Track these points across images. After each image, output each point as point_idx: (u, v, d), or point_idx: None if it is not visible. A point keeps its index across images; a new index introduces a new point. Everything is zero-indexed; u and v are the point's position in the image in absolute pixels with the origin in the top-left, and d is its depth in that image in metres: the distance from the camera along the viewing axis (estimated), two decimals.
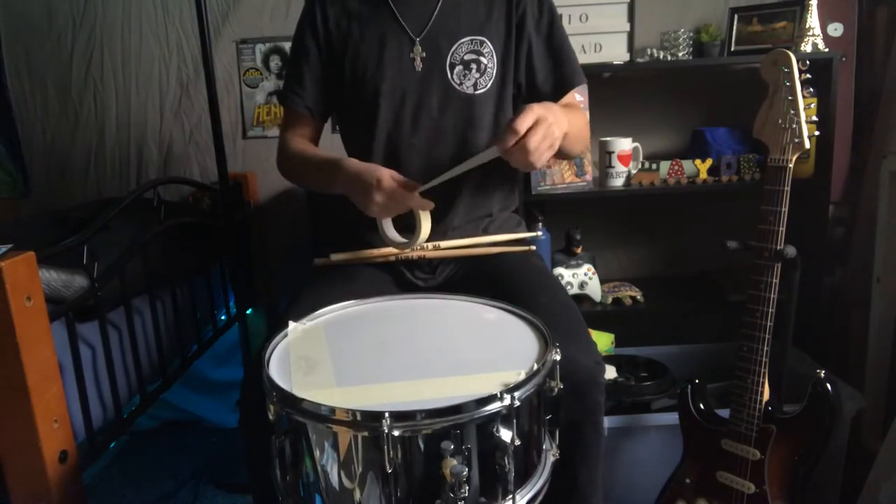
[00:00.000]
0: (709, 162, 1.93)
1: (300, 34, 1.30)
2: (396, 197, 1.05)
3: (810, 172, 1.89)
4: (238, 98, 2.23)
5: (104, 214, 1.37)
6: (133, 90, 2.22)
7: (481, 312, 1.01)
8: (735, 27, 1.99)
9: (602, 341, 1.90)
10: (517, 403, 0.73)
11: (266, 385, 0.80)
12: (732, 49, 2.00)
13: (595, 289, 2.00)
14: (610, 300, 2.00)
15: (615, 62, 2.01)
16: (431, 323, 0.98)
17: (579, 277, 1.99)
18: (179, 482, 1.95)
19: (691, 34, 2.00)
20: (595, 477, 1.03)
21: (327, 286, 1.18)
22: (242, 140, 2.25)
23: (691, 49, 2.00)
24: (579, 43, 2.02)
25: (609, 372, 1.75)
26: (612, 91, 2.07)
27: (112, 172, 2.28)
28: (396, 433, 0.70)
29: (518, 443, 0.74)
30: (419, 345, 0.91)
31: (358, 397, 0.76)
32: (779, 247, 1.22)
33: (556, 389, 0.84)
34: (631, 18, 2.02)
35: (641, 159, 1.97)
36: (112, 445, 1.42)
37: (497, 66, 1.25)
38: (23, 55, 2.21)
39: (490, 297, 1.04)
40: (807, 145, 1.19)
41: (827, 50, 1.84)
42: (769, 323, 1.24)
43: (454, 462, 0.70)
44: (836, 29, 1.98)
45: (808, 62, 1.22)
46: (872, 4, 1.97)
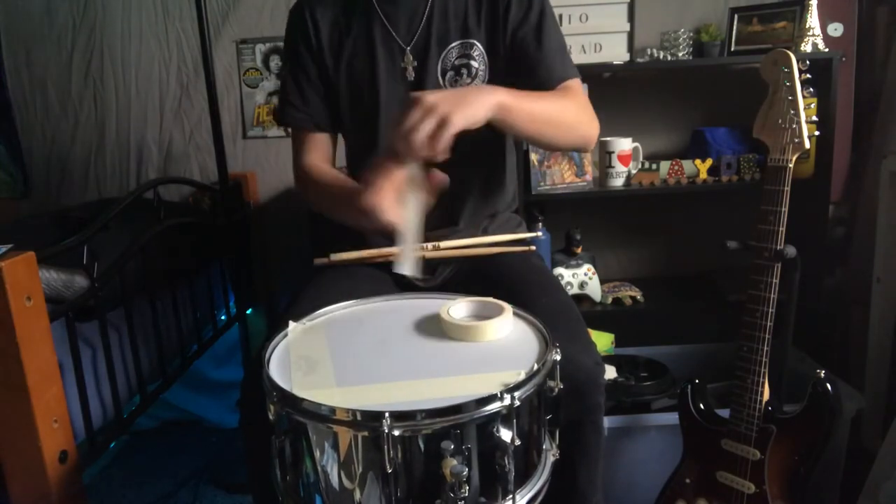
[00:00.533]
0: (709, 162, 1.93)
1: (293, 45, 1.26)
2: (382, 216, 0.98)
3: (810, 172, 1.89)
4: (238, 98, 2.23)
5: (104, 214, 1.37)
6: (133, 90, 2.22)
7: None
8: (735, 27, 1.99)
9: (602, 341, 1.90)
10: (517, 403, 0.73)
11: (266, 385, 0.80)
12: (732, 49, 2.00)
13: (595, 289, 2.00)
14: (610, 300, 2.00)
15: (615, 62, 2.01)
16: (431, 323, 0.98)
17: (579, 277, 1.99)
18: (179, 482, 1.95)
19: (691, 34, 2.00)
20: (595, 477, 1.03)
21: (327, 286, 1.18)
22: (242, 140, 2.25)
23: (691, 49, 2.00)
24: (579, 43, 2.02)
25: (609, 372, 1.75)
26: (612, 91, 2.07)
27: (112, 172, 2.28)
28: (396, 433, 0.70)
29: (518, 443, 0.74)
30: (419, 345, 0.91)
31: (358, 397, 0.76)
32: (779, 247, 1.22)
33: (557, 389, 0.84)
34: (631, 18, 2.02)
35: (641, 159, 1.98)
36: (112, 445, 1.42)
37: (487, 69, 1.22)
38: (23, 55, 2.21)
39: (490, 298, 1.03)
40: (807, 145, 1.19)
41: (827, 50, 1.84)
42: (769, 323, 1.24)
43: (454, 462, 0.70)
44: (836, 29, 1.98)
45: (808, 62, 1.22)
46: (872, 4, 1.97)
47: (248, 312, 2.05)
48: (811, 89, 1.76)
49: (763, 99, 1.24)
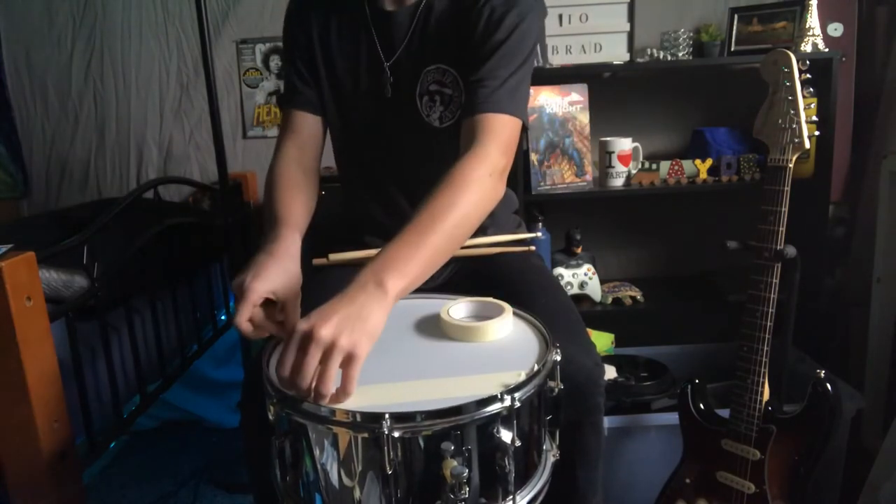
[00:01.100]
0: (709, 162, 1.93)
1: (293, 36, 1.23)
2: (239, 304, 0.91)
3: (810, 172, 1.88)
4: (238, 98, 2.23)
5: (104, 214, 1.37)
6: (133, 90, 2.22)
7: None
8: (735, 27, 1.99)
9: (602, 341, 1.90)
10: (517, 404, 0.73)
11: (266, 386, 0.80)
12: (732, 49, 2.00)
13: (595, 289, 2.00)
14: (610, 300, 2.00)
15: (615, 62, 2.02)
16: (431, 324, 0.98)
17: (579, 277, 1.99)
18: (179, 482, 1.95)
19: (691, 34, 2.00)
20: (595, 477, 1.03)
21: (325, 286, 1.17)
22: (242, 140, 2.25)
23: (691, 49, 2.00)
24: (579, 43, 2.02)
25: (609, 372, 1.75)
26: (612, 91, 2.07)
27: (112, 172, 2.28)
28: (396, 434, 0.70)
29: (518, 444, 0.74)
30: (419, 345, 0.91)
31: (358, 398, 0.76)
32: (779, 247, 1.22)
33: (557, 390, 0.84)
34: (631, 18, 2.02)
35: (641, 159, 1.97)
36: (112, 445, 1.42)
37: (463, 95, 1.12)
38: (23, 55, 2.21)
39: (490, 298, 1.03)
40: (807, 145, 1.19)
41: (827, 50, 1.84)
42: (769, 323, 1.23)
43: (454, 463, 0.70)
44: (836, 29, 1.98)
45: (808, 62, 1.22)
46: (872, 4, 1.97)
47: None
48: (811, 89, 1.76)
49: (763, 99, 1.24)
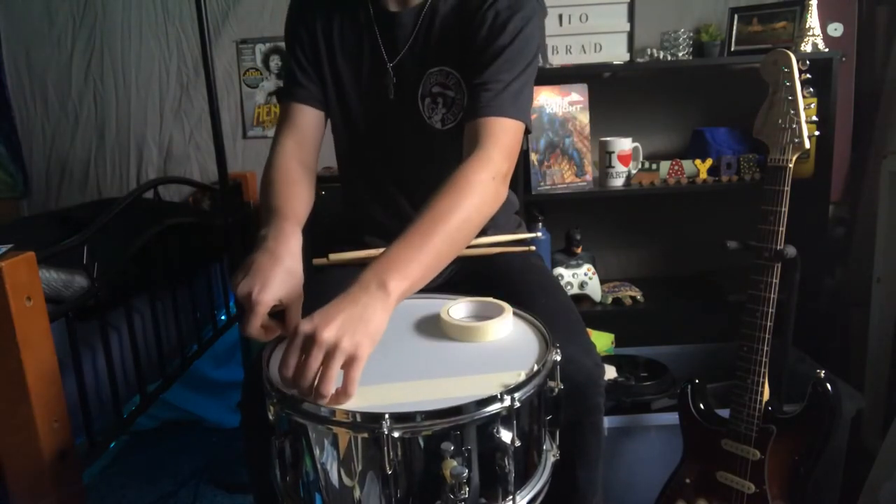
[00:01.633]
0: (709, 162, 1.93)
1: (295, 32, 1.22)
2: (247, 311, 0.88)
3: (810, 172, 1.88)
4: (238, 98, 2.23)
5: (104, 214, 1.37)
6: (133, 90, 2.22)
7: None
8: (735, 27, 1.99)
9: (602, 341, 1.90)
10: (517, 404, 0.73)
11: (266, 386, 0.80)
12: (732, 49, 2.00)
13: (595, 289, 2.00)
14: (610, 300, 2.00)
15: (615, 62, 2.01)
16: (431, 324, 0.98)
17: (579, 277, 1.99)
18: (179, 482, 1.95)
19: (691, 34, 2.00)
20: (595, 478, 1.03)
21: (325, 286, 1.17)
22: (242, 140, 2.25)
23: (691, 49, 2.00)
24: (579, 43, 2.02)
25: (609, 372, 1.75)
26: (612, 91, 2.07)
27: (112, 172, 2.28)
28: (396, 434, 0.70)
29: (518, 444, 0.74)
30: (419, 345, 0.91)
31: (357, 398, 0.76)
32: (779, 247, 1.22)
33: (557, 390, 0.84)
34: (631, 18, 2.02)
35: (641, 159, 1.97)
36: (112, 445, 1.42)
37: (466, 98, 1.12)
38: (23, 55, 2.21)
39: (490, 298, 1.03)
40: (807, 145, 1.19)
41: (827, 50, 1.84)
42: (769, 323, 1.24)
43: (454, 463, 0.70)
44: (836, 29, 1.98)
45: (808, 62, 1.22)
46: (872, 4, 1.97)
47: None
48: (811, 89, 1.75)
49: (763, 99, 1.24)
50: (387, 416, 0.69)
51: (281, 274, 0.91)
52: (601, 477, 1.05)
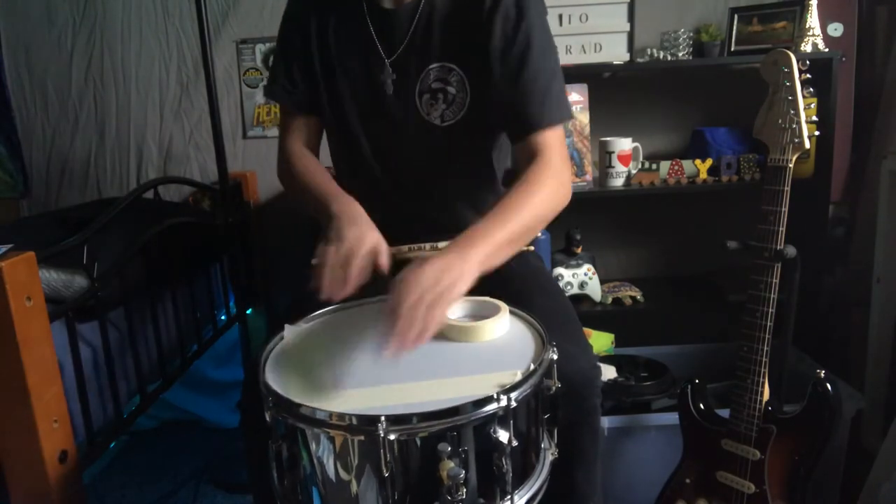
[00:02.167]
0: (709, 162, 1.93)
1: (287, 31, 1.26)
2: (346, 264, 0.93)
3: (810, 172, 1.88)
4: (238, 98, 2.23)
5: (104, 214, 1.37)
6: (133, 90, 2.22)
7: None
8: (735, 27, 1.99)
9: (602, 341, 1.89)
10: (513, 404, 0.73)
11: (262, 390, 0.80)
12: (732, 49, 2.00)
13: (595, 289, 2.00)
14: (610, 300, 2.00)
15: (615, 62, 2.01)
16: None
17: (579, 277, 1.99)
18: (179, 482, 1.95)
19: (691, 34, 2.00)
20: (593, 478, 1.03)
21: None
22: (242, 140, 2.25)
23: (691, 49, 2.00)
24: (579, 43, 2.02)
25: (609, 372, 1.75)
26: (612, 91, 2.07)
27: (112, 172, 2.28)
28: (393, 437, 0.70)
29: (515, 443, 0.74)
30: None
31: (354, 401, 0.76)
32: (779, 247, 1.22)
33: (554, 388, 0.84)
34: (631, 18, 2.02)
35: (641, 159, 1.97)
36: (112, 445, 1.42)
37: (470, 98, 1.13)
38: (23, 55, 2.21)
39: (487, 298, 1.03)
40: (807, 145, 1.19)
41: (827, 50, 1.84)
42: (769, 323, 1.23)
43: (451, 464, 0.70)
44: (836, 29, 1.98)
45: (808, 62, 1.21)
46: (872, 4, 1.97)
47: (248, 312, 2.05)
48: (811, 89, 1.74)
49: (763, 99, 1.24)
50: (383, 419, 0.69)
51: (370, 224, 1.00)
52: (600, 477, 1.05)
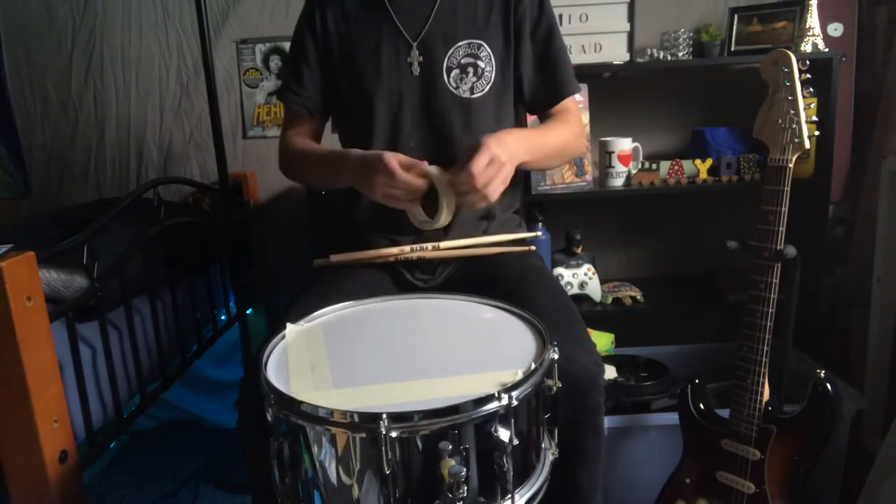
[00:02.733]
0: (709, 162, 1.93)
1: (299, 33, 1.31)
2: (399, 178, 1.04)
3: (810, 172, 1.88)
4: (238, 98, 2.23)
5: (104, 214, 1.37)
6: (133, 90, 2.22)
7: (479, 312, 1.01)
8: (735, 27, 1.99)
9: (602, 341, 1.90)
10: (515, 403, 0.73)
11: (263, 387, 0.80)
12: (732, 49, 2.00)
13: (595, 289, 2.00)
14: (610, 300, 2.00)
15: (615, 62, 2.01)
16: (429, 323, 0.98)
17: (579, 277, 1.99)
18: (179, 482, 1.95)
19: (691, 34, 2.00)
20: (595, 477, 1.03)
21: (326, 287, 1.18)
22: (242, 140, 2.25)
23: (691, 49, 2.00)
24: (579, 43, 2.02)
25: (609, 372, 1.75)
26: (612, 91, 2.07)
27: (112, 172, 2.28)
28: (394, 434, 0.70)
29: (516, 442, 0.74)
30: (417, 345, 0.91)
31: (355, 399, 0.76)
32: (779, 247, 1.22)
33: (555, 388, 0.84)
34: (631, 18, 2.02)
35: (641, 159, 1.97)
36: (112, 445, 1.42)
37: (496, 71, 1.24)
38: (23, 55, 2.21)
39: (489, 298, 1.04)
40: (807, 145, 1.19)
41: (827, 50, 1.84)
42: (769, 323, 1.24)
43: (452, 462, 0.70)
44: (836, 29, 1.98)
45: (808, 62, 1.22)
46: (872, 4, 1.97)
47: (248, 312, 2.05)
48: (811, 89, 1.75)
49: (763, 99, 1.24)
50: (384, 416, 0.69)
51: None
52: (601, 477, 1.05)
